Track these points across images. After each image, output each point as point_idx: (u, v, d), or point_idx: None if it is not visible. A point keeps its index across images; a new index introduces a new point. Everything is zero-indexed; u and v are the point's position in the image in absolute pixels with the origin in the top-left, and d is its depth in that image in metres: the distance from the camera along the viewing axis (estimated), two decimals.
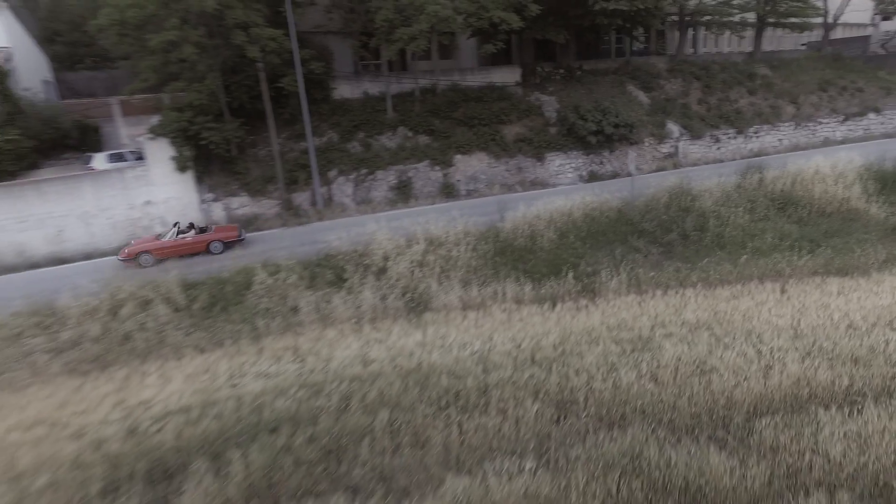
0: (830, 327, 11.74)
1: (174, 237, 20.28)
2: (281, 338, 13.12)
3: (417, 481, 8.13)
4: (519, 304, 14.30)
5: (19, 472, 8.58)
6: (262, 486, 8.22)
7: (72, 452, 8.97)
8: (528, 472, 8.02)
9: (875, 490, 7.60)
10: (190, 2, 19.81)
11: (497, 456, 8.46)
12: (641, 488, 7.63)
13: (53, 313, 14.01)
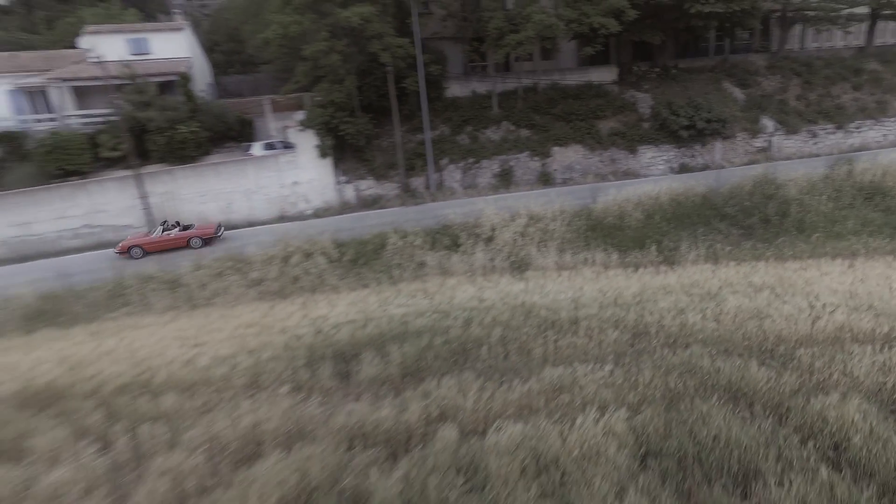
0: (886, 293, 13.22)
1: (160, 234, 24.31)
2: (412, 283, 16.58)
3: (523, 372, 11.12)
4: (606, 268, 16.81)
5: (251, 349, 12.50)
6: (412, 368, 11.55)
7: (281, 341, 12.80)
8: (606, 370, 10.76)
9: (887, 398, 9.57)
10: (338, 17, 24.03)
11: (583, 361, 11.25)
12: (693, 384, 10.11)
13: (243, 260, 18.42)
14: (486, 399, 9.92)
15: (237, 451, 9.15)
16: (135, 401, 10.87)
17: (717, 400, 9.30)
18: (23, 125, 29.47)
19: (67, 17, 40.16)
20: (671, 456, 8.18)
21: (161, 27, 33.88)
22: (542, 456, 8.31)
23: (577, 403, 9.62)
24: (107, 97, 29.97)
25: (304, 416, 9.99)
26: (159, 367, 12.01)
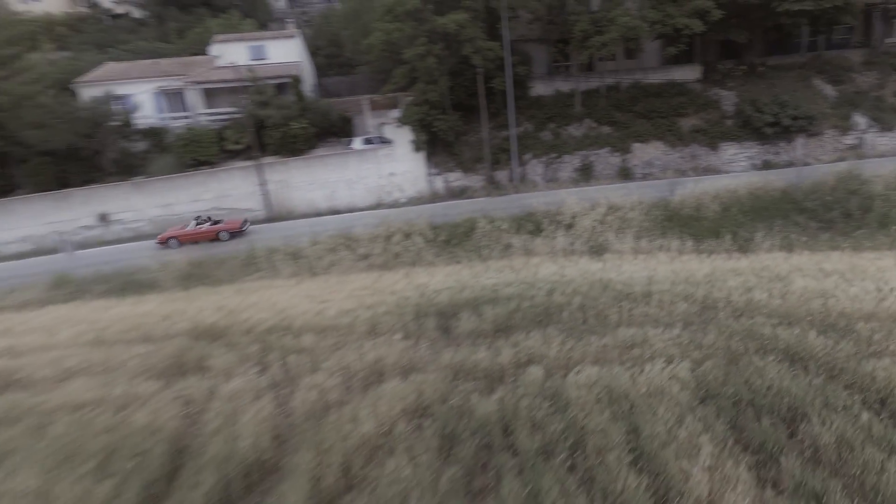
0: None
1: (194, 227, 26.85)
2: (499, 261, 18.53)
3: (599, 331, 12.79)
4: (680, 254, 17.96)
5: (368, 305, 14.97)
6: (503, 325, 13.50)
7: (392, 301, 15.17)
8: (674, 333, 12.22)
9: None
10: (436, 24, 26.40)
11: (654, 325, 12.75)
12: (753, 346, 11.39)
13: (351, 238, 21.18)
14: (567, 350, 11.72)
15: (365, 377, 11.51)
16: (281, 338, 13.56)
17: (773, 359, 10.60)
18: (163, 122, 34.22)
19: (196, 27, 45.48)
20: (727, 398, 9.68)
21: (277, 35, 37.92)
22: (614, 391, 10.05)
23: (647, 356, 11.21)
24: (231, 98, 34.15)
25: (415, 356, 12.23)
26: (296, 315, 14.72)
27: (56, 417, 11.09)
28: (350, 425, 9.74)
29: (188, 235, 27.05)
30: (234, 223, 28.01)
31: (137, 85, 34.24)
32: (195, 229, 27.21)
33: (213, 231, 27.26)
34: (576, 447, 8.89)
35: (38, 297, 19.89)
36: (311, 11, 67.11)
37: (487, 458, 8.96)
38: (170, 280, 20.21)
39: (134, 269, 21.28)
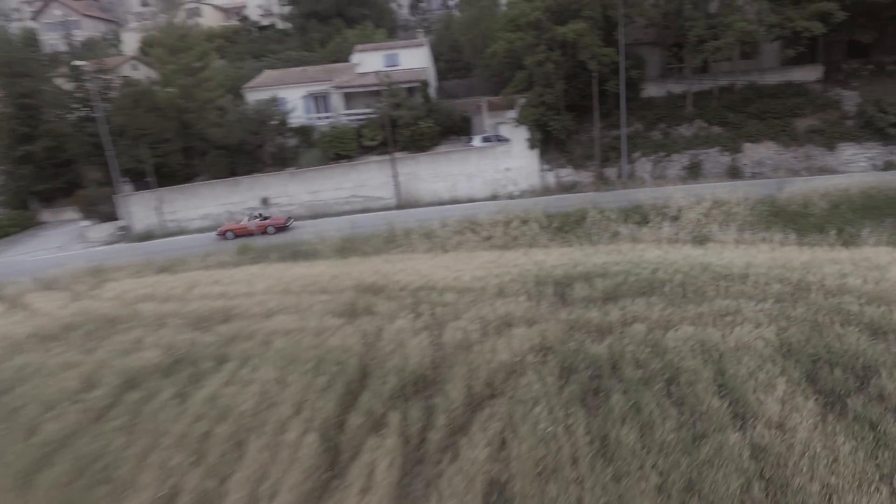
0: None
1: (247, 222, 30.28)
2: (608, 245, 20.74)
3: (697, 302, 14.81)
4: (782, 245, 19.12)
5: (495, 275, 17.98)
6: (611, 294, 15.87)
7: (515, 272, 18.06)
8: (766, 306, 13.98)
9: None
10: (556, 33, 28.86)
11: (748, 300, 14.54)
12: (838, 319, 12.93)
13: (474, 222, 24.38)
14: (667, 314, 13.98)
15: (498, 325, 14.50)
16: (428, 295, 16.93)
17: (855, 329, 12.19)
18: (311, 121, 39.62)
19: (335, 38, 51.23)
20: (806, 355, 11.58)
21: (408, 44, 42.19)
22: (706, 344, 12.26)
23: (738, 322, 13.19)
24: (366, 100, 38.79)
25: (537, 312, 15.03)
26: (437, 279, 18.07)
27: (274, 338, 15.20)
28: (490, 355, 12.80)
29: (242, 229, 31.32)
30: (280, 220, 32.07)
31: (291, 90, 39.92)
32: (248, 224, 31.39)
33: (262, 226, 31.40)
34: (671, 380, 11.29)
35: (230, 260, 25.08)
36: (431, 17, 71.70)
37: (598, 384, 11.59)
38: (327, 251, 24.57)
39: (297, 242, 25.97)
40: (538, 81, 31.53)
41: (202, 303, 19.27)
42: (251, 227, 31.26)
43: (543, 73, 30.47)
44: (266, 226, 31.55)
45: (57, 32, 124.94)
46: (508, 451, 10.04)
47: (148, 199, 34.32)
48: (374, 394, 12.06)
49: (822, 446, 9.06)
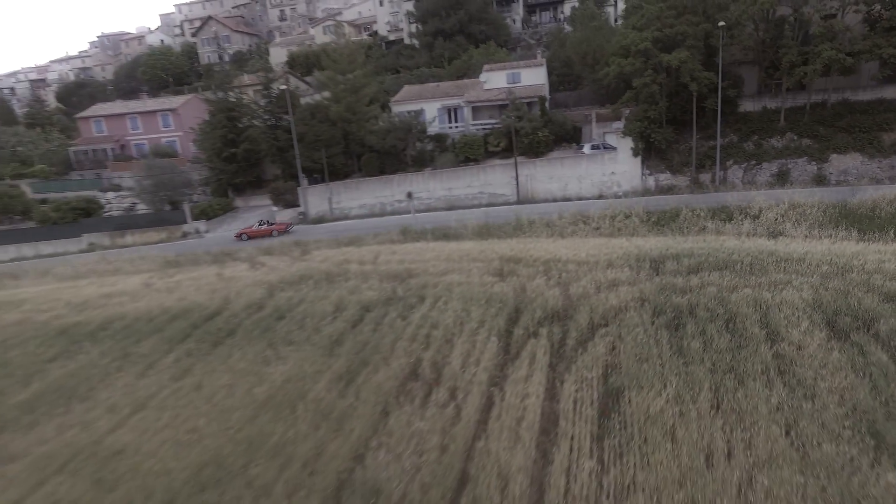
0: None
1: (257, 227, 37.50)
2: (695, 236, 25.86)
3: (759, 275, 20.03)
4: (842, 241, 23.31)
5: (604, 253, 24.02)
6: (694, 268, 21.39)
7: (619, 252, 23.94)
8: (813, 279, 18.98)
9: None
10: (661, 59, 33.90)
11: (799, 276, 19.56)
12: (865, 289, 17.73)
13: (584, 216, 30.37)
14: (734, 282, 19.41)
15: (608, 285, 20.54)
16: (555, 264, 23.28)
17: (874, 295, 17.06)
18: (444, 129, 47.12)
19: (461, 55, 58.67)
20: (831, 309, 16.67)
21: (528, 64, 48.47)
22: (758, 300, 17.66)
23: (787, 289, 18.39)
24: (490, 111, 45.57)
25: (637, 278, 20.94)
26: (560, 255, 24.35)
27: (452, 287, 22.25)
28: (604, 301, 18.95)
29: (254, 232, 39.13)
30: (283, 225, 39.99)
31: (428, 103, 47.65)
32: (258, 228, 39.18)
33: (269, 230, 39.07)
34: (729, 319, 16.86)
35: (395, 238, 32.91)
36: (542, 30, 77.25)
37: (679, 320, 17.35)
38: (468, 234, 31.69)
39: (444, 227, 33.33)
40: (643, 99, 36.51)
41: (389, 266, 26.91)
42: (262, 231, 39.53)
43: (649, 93, 35.45)
44: (272, 230, 39.56)
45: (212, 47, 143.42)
46: (618, 351, 16.23)
47: (320, 190, 43.47)
48: (528, 318, 18.65)
49: (820, 355, 14.47)
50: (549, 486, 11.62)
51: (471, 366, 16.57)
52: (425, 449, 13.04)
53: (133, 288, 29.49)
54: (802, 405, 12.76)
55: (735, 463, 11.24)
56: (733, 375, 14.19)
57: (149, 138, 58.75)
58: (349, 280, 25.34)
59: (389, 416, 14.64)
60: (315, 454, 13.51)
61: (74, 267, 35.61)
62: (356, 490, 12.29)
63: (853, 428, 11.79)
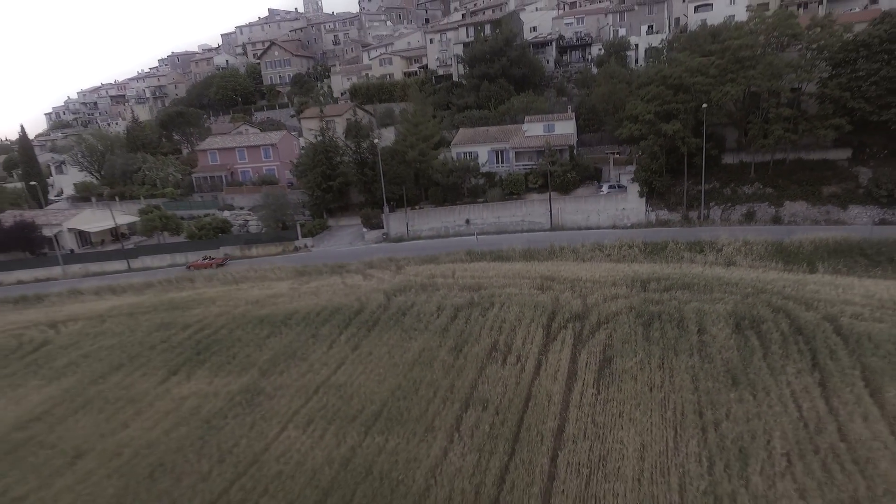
0: None
1: (202, 260, 49.79)
2: (674, 264, 37.20)
3: (707, 293, 31.46)
4: (772, 270, 34.49)
5: (611, 275, 35.49)
6: (668, 287, 32.91)
7: (620, 274, 35.38)
8: (737, 297, 30.35)
9: None
10: (661, 128, 44.99)
11: (729, 295, 30.87)
12: (767, 303, 29.05)
13: (600, 245, 42.02)
14: (690, 297, 30.90)
15: (611, 297, 32.24)
16: (577, 282, 34.94)
17: (771, 311, 28.42)
18: (493, 168, 59.00)
19: (505, 99, 70.45)
20: (739, 315, 28.08)
21: (561, 117, 59.80)
22: (700, 309, 29.18)
23: (719, 303, 29.83)
24: (529, 154, 57.22)
25: (630, 293, 32.58)
26: (581, 276, 36.02)
27: (511, 297, 34.13)
28: (606, 308, 30.65)
29: (199, 264, 52.97)
30: (220, 259, 53.61)
31: (480, 146, 59.58)
32: (202, 262, 52.81)
33: (210, 263, 52.61)
34: (680, 321, 28.40)
35: (463, 258, 44.98)
36: (572, 70, 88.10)
37: (651, 321, 28.96)
38: (516, 256, 43.59)
39: (496, 250, 45.30)
40: (647, 155, 47.61)
41: (464, 280, 38.82)
42: (205, 264, 53.02)
43: (651, 151, 46.54)
44: (212, 263, 53.05)
45: (274, 69, 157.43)
46: (612, 338, 27.88)
47: (399, 216, 55.84)
48: (560, 318, 30.39)
49: (722, 341, 25.90)
50: (572, 400, 23.49)
51: (528, 344, 28.45)
52: (507, 385, 25.06)
53: (285, 291, 42.17)
54: (704, 365, 24.32)
55: (662, 392, 22.95)
56: (673, 351, 25.74)
57: (253, 167, 72.19)
58: (439, 290, 37.33)
59: (485, 369, 26.63)
60: (449, 386, 25.63)
61: (232, 274, 48.78)
62: (474, 402, 24.33)
63: (725, 376, 23.32)
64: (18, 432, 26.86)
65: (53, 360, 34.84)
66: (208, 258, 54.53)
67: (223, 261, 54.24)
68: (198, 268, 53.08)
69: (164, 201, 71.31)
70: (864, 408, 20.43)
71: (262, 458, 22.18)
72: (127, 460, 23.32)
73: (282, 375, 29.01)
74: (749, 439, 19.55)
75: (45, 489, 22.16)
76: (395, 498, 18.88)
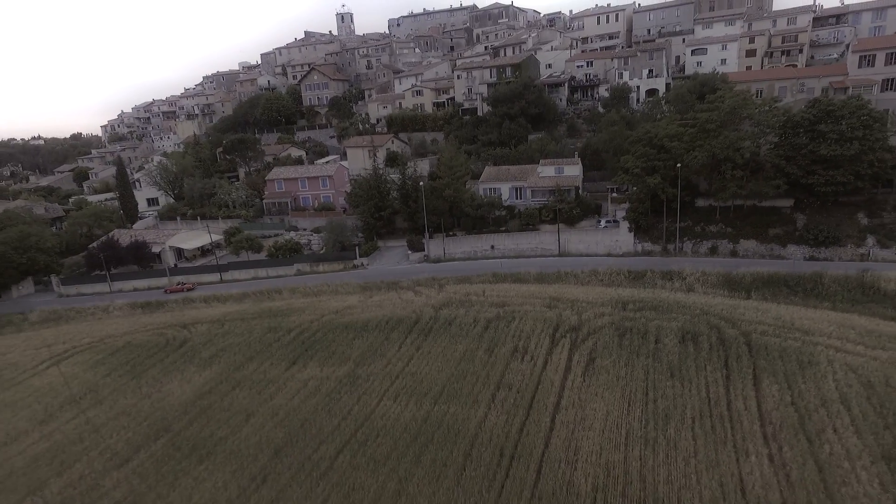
0: None
1: (176, 285, 63.85)
2: (647, 289, 49.19)
3: (667, 313, 43.58)
4: (716, 297, 46.31)
5: (600, 296, 47.57)
6: (641, 308, 45.14)
7: (607, 297, 47.47)
8: (687, 317, 42.50)
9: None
10: (646, 181, 56.91)
11: (682, 315, 42.96)
12: (709, 321, 41.12)
13: (596, 271, 54.04)
14: (656, 315, 43.26)
15: (598, 315, 44.66)
16: (575, 302, 47.30)
17: (705, 325, 40.62)
18: (513, 202, 71.30)
19: (523, 139, 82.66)
20: (682, 329, 40.37)
21: (569, 162, 71.53)
22: (659, 326, 41.53)
23: (673, 321, 42.15)
24: (542, 192, 69.44)
25: (612, 311, 44.95)
26: (578, 297, 48.24)
27: (527, 313, 46.61)
28: (595, 323, 42.96)
29: (173, 289, 66.53)
30: (189, 285, 66.92)
31: (503, 184, 71.89)
32: (175, 287, 66.19)
33: (181, 288, 66.27)
34: (644, 334, 40.66)
35: (490, 279, 57.44)
36: (581, 107, 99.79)
37: (624, 333, 41.29)
38: (531, 279, 55.93)
39: (515, 273, 57.65)
40: (635, 200, 59.46)
41: (491, 298, 51.26)
42: (177, 288, 66.65)
43: (639, 197, 58.42)
44: (183, 288, 66.68)
45: (313, 91, 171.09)
46: (597, 345, 40.22)
47: (437, 241, 68.37)
48: (562, 329, 42.77)
49: (670, 347, 38.16)
50: (566, 385, 35.89)
51: (538, 348, 40.87)
52: (524, 375, 37.54)
53: (356, 303, 55.08)
54: (654, 364, 36.55)
55: (624, 380, 35.28)
56: (636, 355, 37.94)
57: (312, 194, 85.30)
58: (473, 306, 49.89)
59: (510, 364, 39.09)
60: (486, 375, 38.15)
61: (311, 288, 61.87)
62: (503, 386, 36.86)
63: (666, 371, 35.50)
64: (200, 401, 40.02)
65: (198, 353, 48.11)
66: (181, 283, 68.47)
67: (192, 286, 68.01)
68: (173, 291, 67.26)
69: (240, 222, 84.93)
70: (746, 392, 32.51)
71: (370, 417, 34.94)
72: (282, 418, 36.23)
73: (370, 366, 41.79)
74: (672, 409, 31.71)
75: (235, 434, 35.14)
76: (458, 439, 31.41)
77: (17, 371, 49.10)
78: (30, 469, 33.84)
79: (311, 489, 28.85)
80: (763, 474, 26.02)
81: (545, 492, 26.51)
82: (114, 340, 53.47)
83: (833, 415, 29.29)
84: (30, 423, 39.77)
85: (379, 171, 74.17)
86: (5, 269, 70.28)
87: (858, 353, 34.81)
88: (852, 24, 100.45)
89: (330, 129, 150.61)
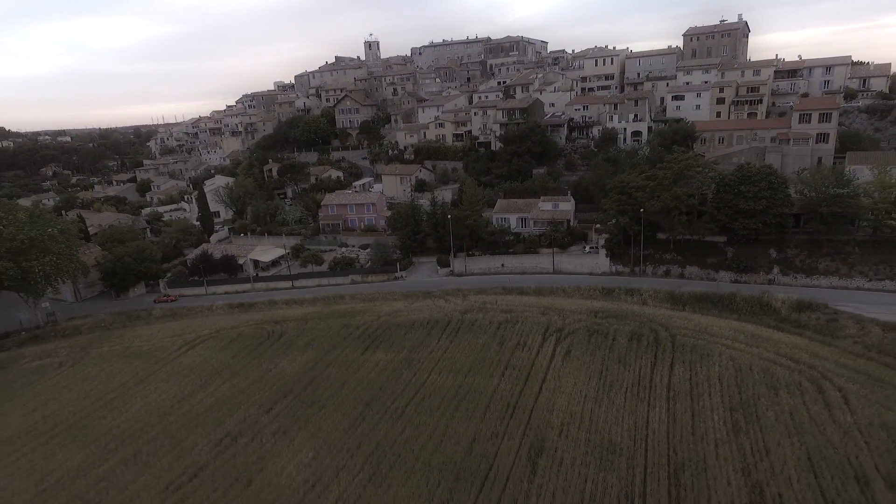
0: None
1: (163, 297, 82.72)
2: (615, 301, 66.58)
3: (630, 320, 61.43)
4: (660, 309, 63.71)
5: (582, 307, 65.19)
6: (612, 316, 63.09)
7: (585, 308, 65.10)
8: (636, 323, 60.30)
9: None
10: (618, 220, 74.46)
11: (634, 322, 60.79)
12: (652, 330, 58.92)
13: (579, 287, 71.59)
14: (616, 322, 61.39)
15: (577, 321, 62.73)
16: (562, 311, 65.15)
17: (664, 330, 58.62)
18: (518, 230, 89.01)
19: (529, 174, 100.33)
20: (637, 334, 58.40)
21: (564, 199, 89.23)
22: (619, 329, 59.61)
23: (627, 326, 60.23)
24: (542, 222, 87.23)
25: (588, 318, 62.98)
26: (564, 307, 66.06)
27: (527, 318, 64.66)
28: (575, 326, 60.91)
29: (162, 300, 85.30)
30: (173, 297, 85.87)
31: (511, 214, 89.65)
32: (163, 298, 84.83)
33: (168, 300, 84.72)
34: (609, 336, 58.62)
35: (501, 292, 75.31)
36: (578, 144, 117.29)
37: (595, 335, 59.32)
38: (531, 291, 73.70)
39: (519, 286, 75.50)
40: (611, 233, 76.94)
41: (502, 306, 69.21)
42: (164, 299, 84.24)
43: (613, 231, 75.87)
44: (168, 300, 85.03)
45: (346, 115, 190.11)
46: (574, 342, 58.18)
47: (460, 259, 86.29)
48: (551, 330, 60.81)
49: (625, 346, 56.13)
50: (550, 368, 53.93)
51: (533, 342, 58.84)
52: (523, 360, 55.62)
53: (402, 308, 73.28)
54: (609, 355, 54.46)
55: (588, 366, 53.36)
56: (598, 348, 55.88)
57: (358, 217, 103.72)
58: (489, 312, 67.89)
59: (514, 353, 57.14)
60: (498, 360, 56.21)
61: (368, 295, 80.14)
62: (509, 367, 55.07)
63: (617, 360, 53.46)
64: (306, 374, 58.46)
65: (295, 342, 66.61)
66: (168, 296, 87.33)
67: (176, 298, 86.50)
68: (161, 302, 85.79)
69: (300, 239, 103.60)
70: (663, 373, 50.37)
71: (424, 384, 53.05)
72: (367, 385, 54.49)
73: (419, 353, 59.95)
74: (615, 382, 49.47)
75: (337, 394, 53.45)
76: (481, 398, 49.36)
77: (166, 352, 67.98)
78: (210, 412, 52.47)
79: (393, 424, 47.13)
80: (660, 418, 43.84)
81: (533, 426, 44.59)
82: (227, 332, 72.16)
83: (711, 386, 47.02)
84: (194, 386, 58.50)
85: (415, 203, 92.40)
86: (127, 275, 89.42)
87: (741, 349, 52.39)
88: (806, 77, 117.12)
89: (362, 150, 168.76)
